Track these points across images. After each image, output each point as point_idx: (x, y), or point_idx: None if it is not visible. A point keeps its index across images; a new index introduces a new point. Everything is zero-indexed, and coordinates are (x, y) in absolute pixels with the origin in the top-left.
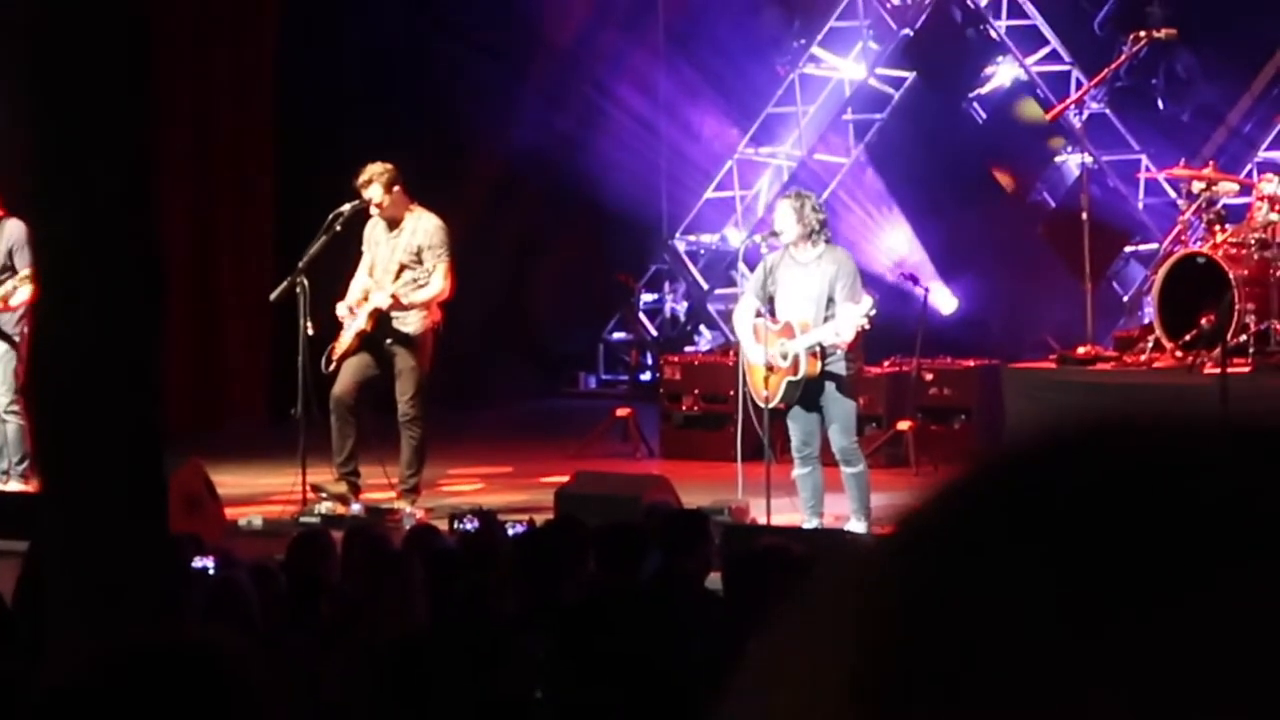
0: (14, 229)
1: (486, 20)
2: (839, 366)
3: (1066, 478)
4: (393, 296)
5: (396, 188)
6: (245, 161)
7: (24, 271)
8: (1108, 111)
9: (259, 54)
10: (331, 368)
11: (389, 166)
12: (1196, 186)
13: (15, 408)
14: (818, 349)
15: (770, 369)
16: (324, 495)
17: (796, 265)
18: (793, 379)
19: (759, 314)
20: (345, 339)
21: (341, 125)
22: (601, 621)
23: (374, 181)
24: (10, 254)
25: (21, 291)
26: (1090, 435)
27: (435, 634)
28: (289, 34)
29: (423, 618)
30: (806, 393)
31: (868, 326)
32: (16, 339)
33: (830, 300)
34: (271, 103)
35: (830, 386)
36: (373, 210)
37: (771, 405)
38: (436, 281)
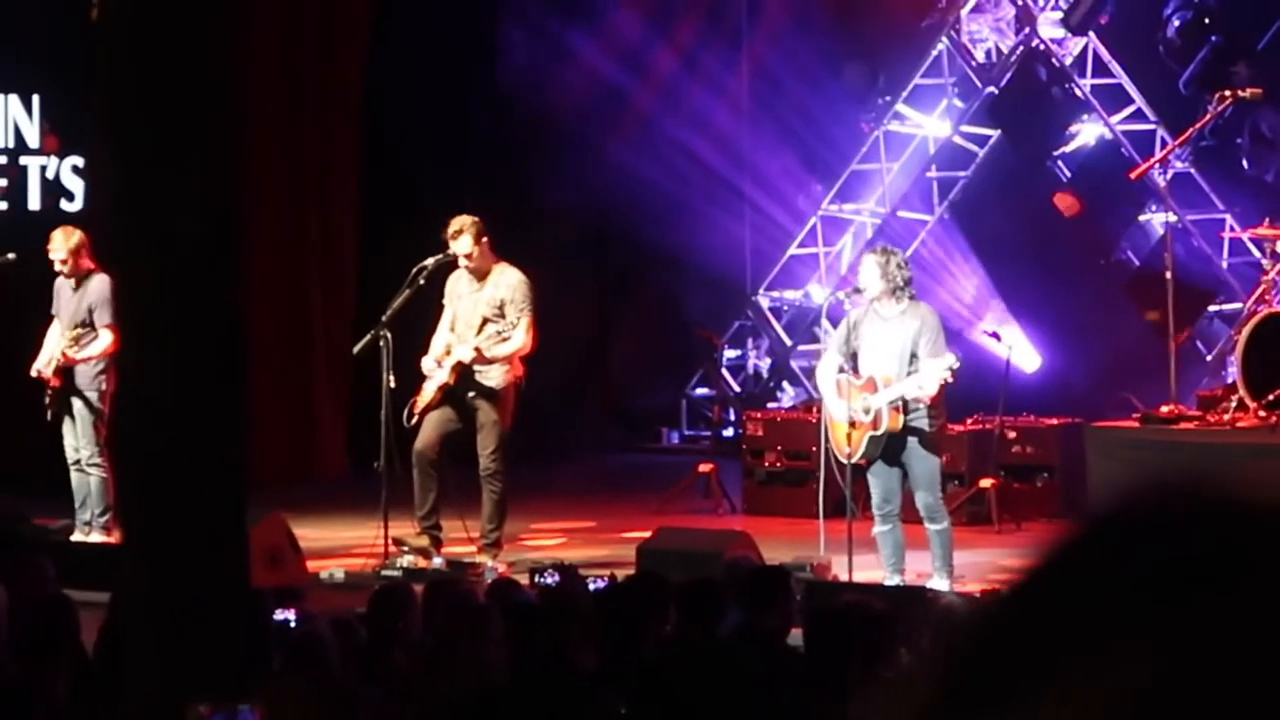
0: (98, 284)
1: (572, 74)
2: (922, 422)
3: (1181, 540)
4: (476, 349)
5: (485, 240)
6: (330, 215)
7: (102, 326)
8: (1192, 171)
9: (344, 116)
10: (414, 421)
11: (477, 219)
12: None
13: (98, 459)
14: (900, 404)
15: (853, 424)
16: (405, 549)
17: (880, 320)
18: (874, 434)
19: (841, 369)
20: (428, 392)
21: (424, 178)
22: (681, 677)
23: (464, 233)
24: (91, 310)
25: (96, 344)
26: (1190, 498)
27: (514, 688)
28: (373, 91)
29: (502, 672)
30: (888, 448)
31: (951, 380)
32: (96, 393)
33: (914, 356)
34: (355, 159)
35: (913, 442)
36: (461, 262)
37: (853, 460)
38: (519, 336)
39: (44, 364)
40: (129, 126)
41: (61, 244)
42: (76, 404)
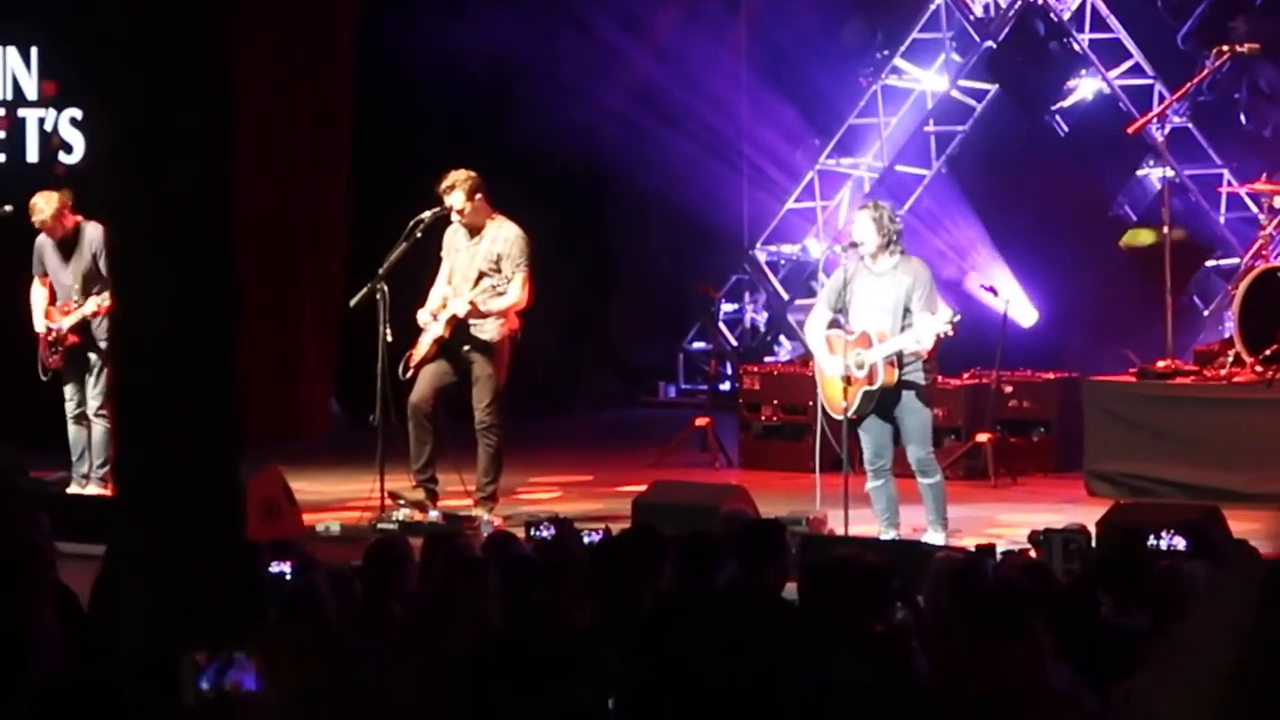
0: (95, 234)
1: (570, 27)
2: (917, 375)
3: None
4: (471, 303)
5: (479, 195)
6: (323, 163)
7: None
8: (1190, 126)
9: (338, 55)
10: (409, 375)
11: (472, 174)
12: (1278, 201)
13: (104, 411)
14: (895, 358)
15: (847, 379)
16: (402, 502)
17: (872, 276)
18: (869, 388)
19: (832, 325)
20: (423, 346)
21: (421, 130)
22: (677, 630)
23: (456, 188)
24: (95, 259)
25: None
26: None
27: (510, 641)
28: (369, 36)
29: (498, 625)
30: (881, 403)
31: (951, 334)
32: (104, 344)
33: (906, 310)
34: (350, 104)
35: (908, 395)
36: (454, 217)
37: (848, 415)
38: (515, 290)
39: (56, 322)
40: (122, 78)
41: (43, 209)
42: (92, 358)
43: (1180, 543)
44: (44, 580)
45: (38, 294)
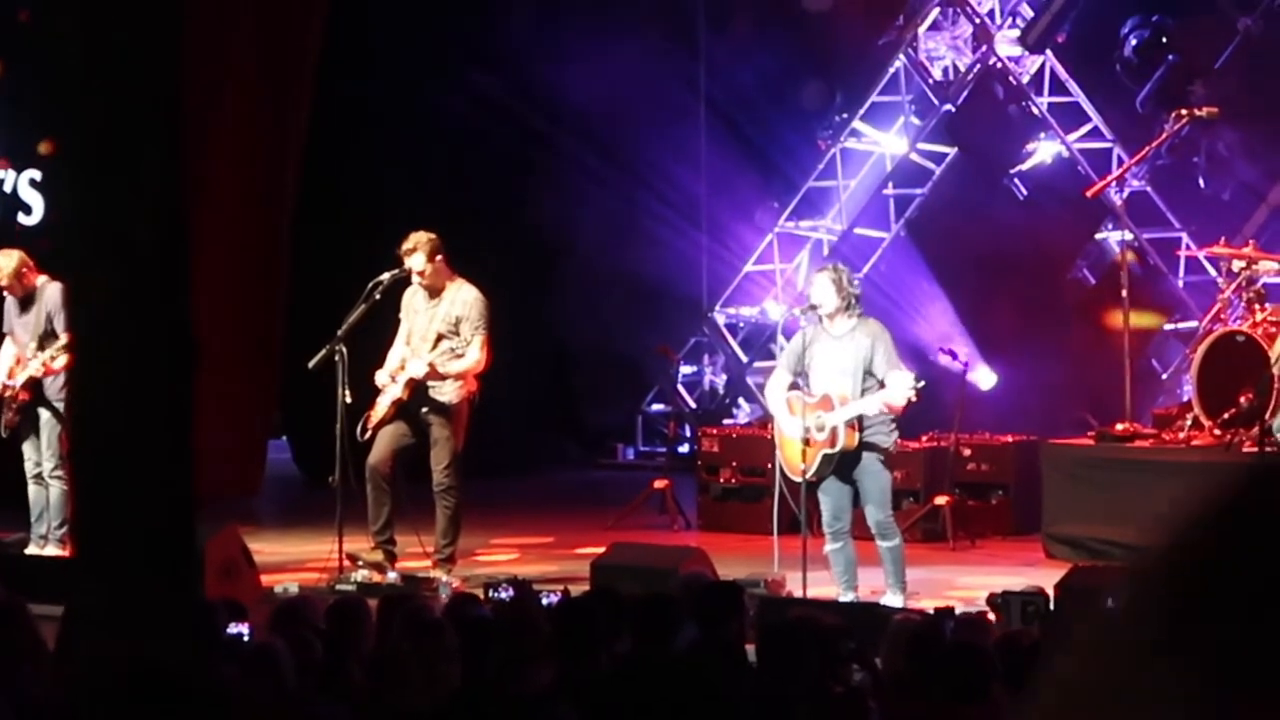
0: (53, 293)
1: (529, 96)
2: (879, 438)
3: None
4: (430, 365)
5: (439, 257)
6: (270, 224)
7: (65, 337)
8: (1149, 189)
9: (296, 117)
10: (367, 436)
11: (433, 236)
12: (1237, 265)
13: (59, 472)
14: (856, 421)
15: (807, 442)
16: (360, 564)
17: (831, 339)
18: (829, 451)
19: (792, 387)
20: (381, 407)
21: (379, 194)
22: (636, 692)
23: (418, 250)
24: (50, 319)
25: (64, 357)
26: None
27: (468, 702)
28: (328, 100)
29: (456, 686)
30: (841, 465)
31: (915, 400)
32: (60, 404)
33: (867, 373)
34: (301, 175)
35: (868, 458)
36: (414, 279)
37: (807, 478)
38: (473, 353)
39: (11, 379)
40: (78, 137)
41: (2, 268)
42: (44, 415)
43: None
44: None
45: (5, 352)
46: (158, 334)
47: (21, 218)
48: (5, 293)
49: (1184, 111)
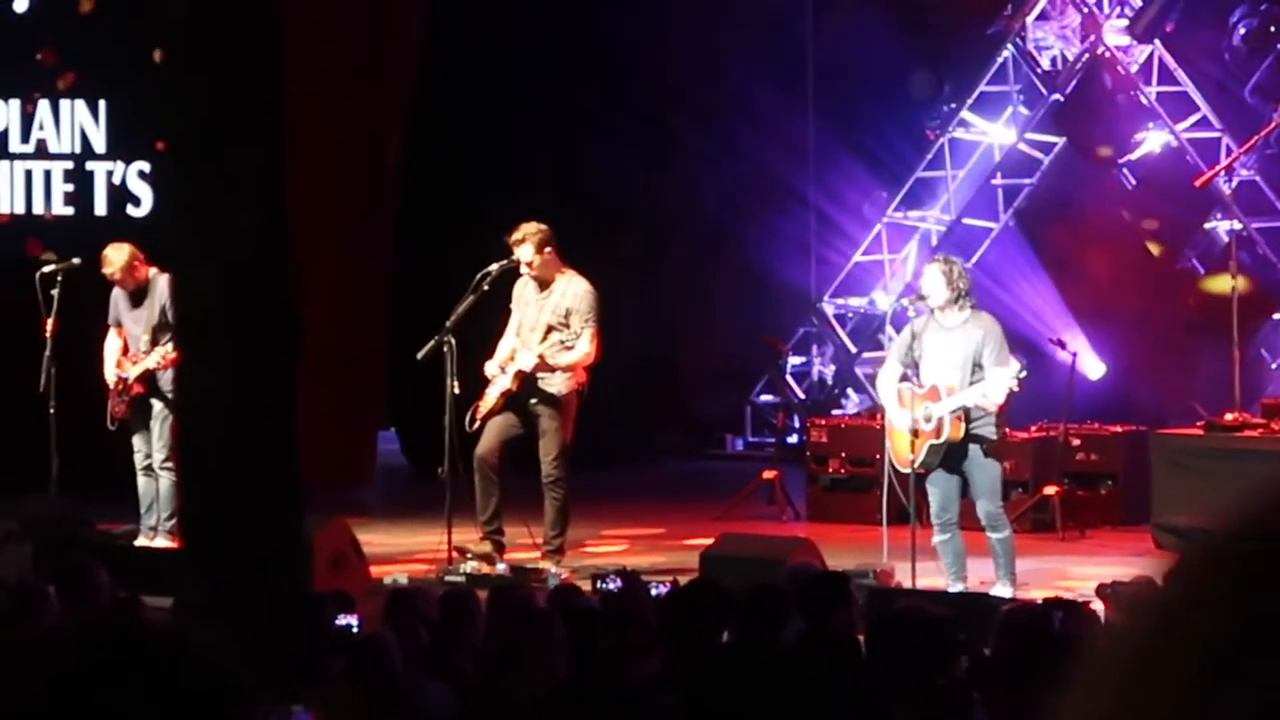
0: (165, 285)
1: (637, 85)
2: (985, 430)
3: None
4: (539, 358)
5: (549, 249)
6: (383, 213)
7: None
8: (1258, 178)
9: (399, 107)
10: (475, 426)
11: (543, 227)
12: None
13: (170, 464)
14: (962, 412)
15: (915, 433)
16: (469, 555)
17: (942, 330)
18: (935, 442)
19: (903, 379)
20: (490, 398)
21: (489, 183)
22: (742, 682)
23: (527, 241)
24: (164, 311)
25: None
26: None
27: (575, 694)
28: (429, 81)
29: (563, 677)
30: (948, 457)
31: (1017, 389)
32: (172, 396)
33: (977, 365)
34: (399, 158)
35: (975, 450)
36: (523, 269)
37: (914, 469)
38: (583, 346)
39: (126, 372)
40: (182, 132)
41: (114, 261)
42: (156, 406)
43: None
44: None
45: (111, 344)
46: (262, 324)
47: (130, 210)
48: (116, 286)
49: None
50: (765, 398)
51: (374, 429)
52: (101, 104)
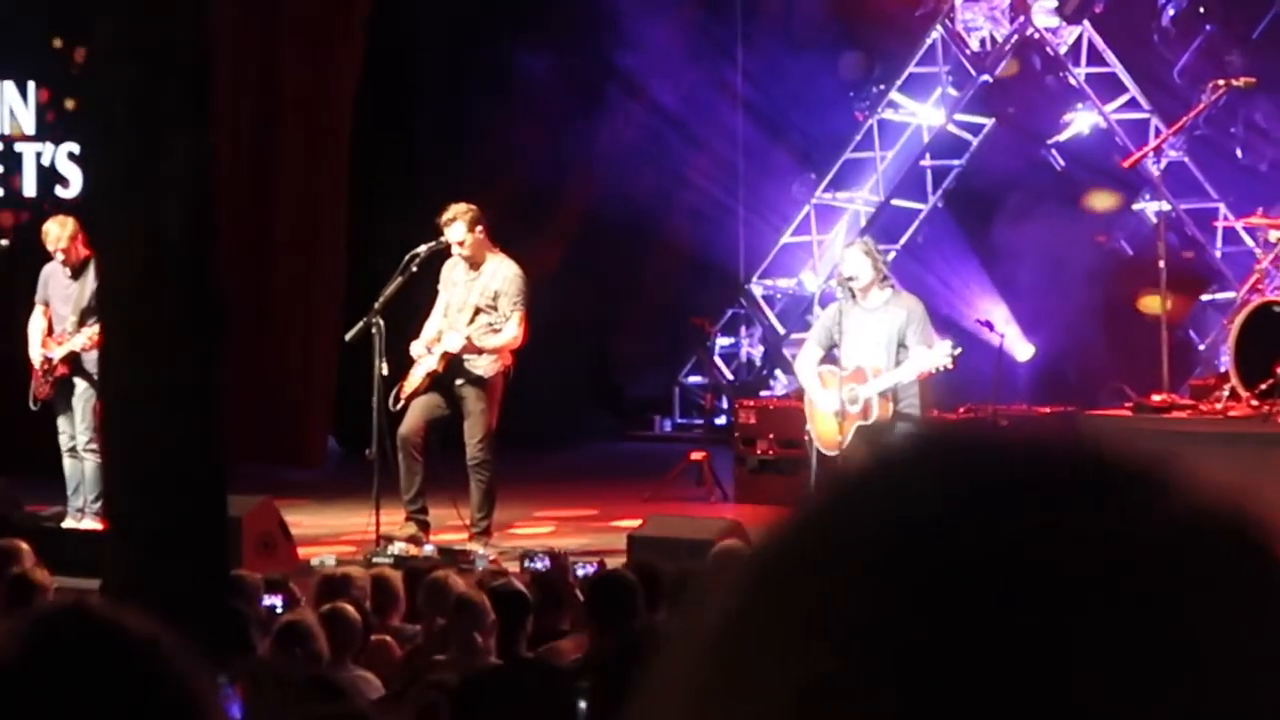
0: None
1: (569, 66)
2: (912, 409)
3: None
4: (466, 339)
5: (479, 229)
6: (320, 198)
7: None
8: (1186, 160)
9: (336, 88)
10: (399, 406)
11: (473, 207)
12: (1274, 235)
13: (94, 446)
14: (890, 393)
15: (842, 415)
16: (395, 540)
17: (864, 312)
18: (863, 423)
19: (823, 361)
20: (415, 378)
21: (420, 164)
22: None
23: (457, 220)
24: (94, 295)
25: None
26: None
27: (503, 674)
28: (368, 69)
29: (491, 658)
30: (876, 438)
31: (951, 366)
32: (95, 377)
33: (901, 346)
34: (349, 143)
35: (902, 429)
36: (454, 250)
37: (842, 451)
38: (510, 329)
39: (52, 352)
40: (103, 113)
41: (58, 233)
42: (79, 388)
43: None
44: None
45: (36, 323)
46: (185, 308)
47: (60, 191)
48: (61, 260)
49: (1221, 82)
50: (693, 379)
51: (327, 412)
52: (30, 84)
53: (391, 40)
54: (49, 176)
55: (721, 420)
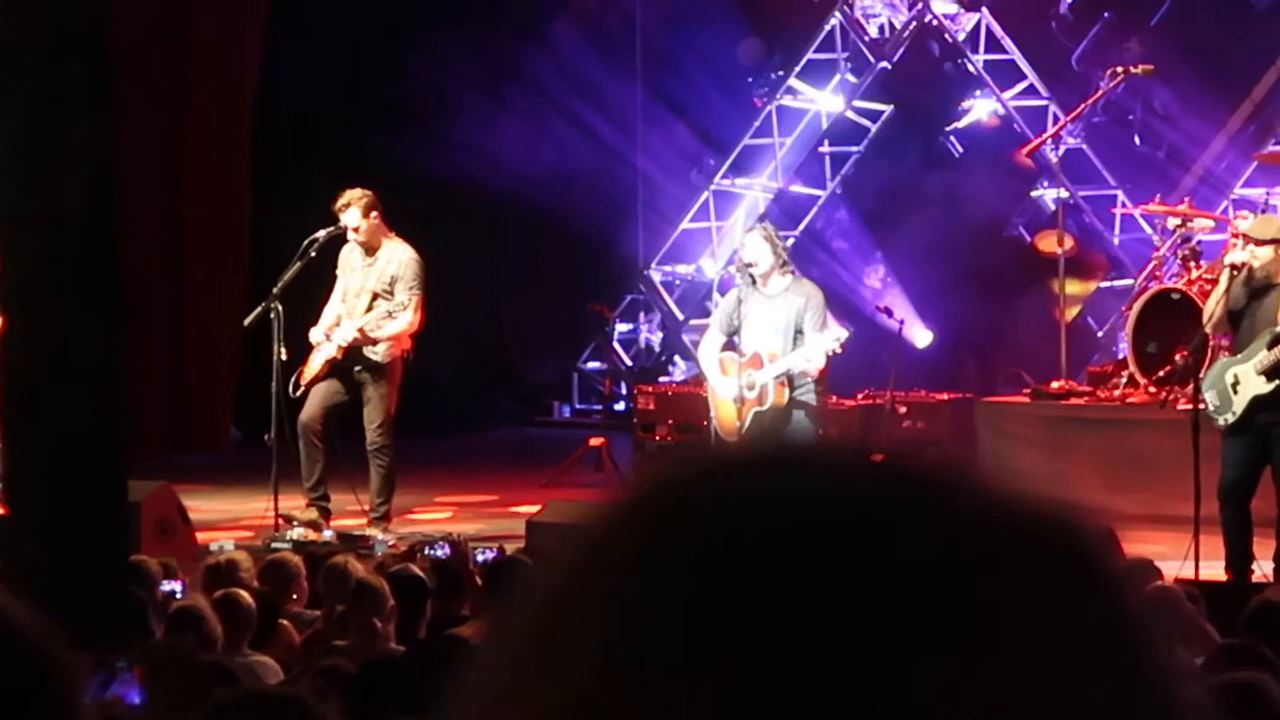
0: None
1: (466, 51)
2: (808, 396)
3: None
4: (360, 331)
5: (374, 214)
6: (223, 183)
7: None
8: (1084, 147)
9: (238, 76)
10: (299, 393)
11: (368, 192)
12: (1172, 222)
13: None
14: (785, 378)
15: (740, 401)
16: (295, 523)
17: (764, 298)
18: (759, 409)
19: (726, 347)
20: (314, 364)
21: (317, 153)
22: None
23: (352, 205)
24: None
25: None
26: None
27: (403, 660)
28: (268, 60)
29: (390, 643)
30: (772, 423)
31: (840, 351)
32: None
33: (798, 332)
34: (250, 125)
35: (798, 415)
36: (349, 235)
37: (741, 437)
38: (407, 316)
39: None
40: (18, 95)
41: None
42: None
43: None
44: None
45: None
46: (86, 289)
47: None
48: None
49: (1119, 69)
50: (592, 365)
51: (230, 396)
52: None
53: (292, 27)
54: None
55: (621, 406)
